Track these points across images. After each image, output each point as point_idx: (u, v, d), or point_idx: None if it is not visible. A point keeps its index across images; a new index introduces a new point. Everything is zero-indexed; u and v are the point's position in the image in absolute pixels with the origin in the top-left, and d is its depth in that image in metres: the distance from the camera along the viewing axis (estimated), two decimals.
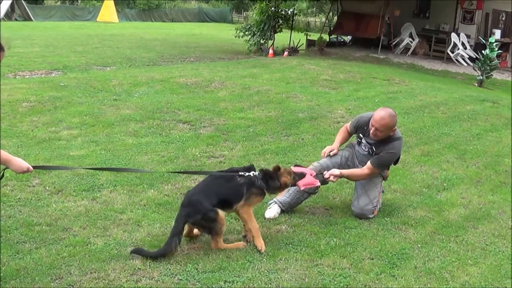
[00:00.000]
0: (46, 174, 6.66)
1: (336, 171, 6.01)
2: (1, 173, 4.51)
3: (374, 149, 6.09)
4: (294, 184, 5.55)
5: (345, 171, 6.11)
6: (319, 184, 5.79)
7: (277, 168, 5.48)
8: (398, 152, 6.17)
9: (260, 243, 5.23)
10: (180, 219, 5.10)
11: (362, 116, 6.37)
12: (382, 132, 5.90)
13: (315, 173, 5.79)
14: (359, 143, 6.33)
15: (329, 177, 5.98)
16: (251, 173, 5.35)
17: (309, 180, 5.58)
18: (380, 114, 5.88)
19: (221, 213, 5.09)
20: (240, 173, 5.35)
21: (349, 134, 6.55)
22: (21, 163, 4.36)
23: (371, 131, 5.98)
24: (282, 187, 5.53)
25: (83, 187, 6.42)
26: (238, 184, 5.29)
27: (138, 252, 4.96)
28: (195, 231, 5.38)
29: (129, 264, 4.74)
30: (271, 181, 5.42)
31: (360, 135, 6.27)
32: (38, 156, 7.37)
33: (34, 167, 4.49)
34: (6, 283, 4.34)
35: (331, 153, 6.29)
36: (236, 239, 5.34)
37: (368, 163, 6.10)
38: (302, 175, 5.54)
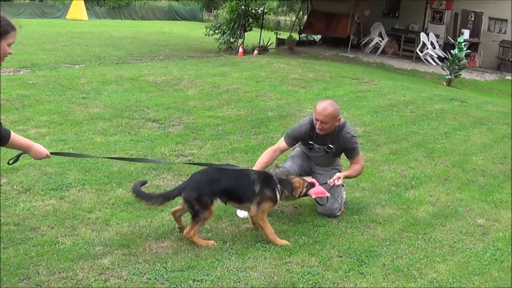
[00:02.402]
0: (14, 173, 6.59)
1: (340, 175, 6.02)
2: (14, 159, 4.52)
3: (332, 146, 6.09)
4: (306, 194, 5.67)
5: (346, 173, 6.15)
6: (329, 194, 5.88)
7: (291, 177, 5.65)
8: (354, 132, 6.19)
9: (281, 242, 5.33)
10: (176, 190, 5.22)
11: (300, 127, 6.18)
12: (328, 123, 5.87)
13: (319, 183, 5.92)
14: (310, 149, 6.27)
15: (334, 184, 5.95)
16: (268, 175, 5.50)
17: (320, 190, 5.75)
18: (321, 106, 5.86)
19: (215, 204, 5.14)
20: (255, 171, 5.50)
21: (281, 152, 6.27)
22: (41, 149, 4.34)
23: (317, 126, 5.92)
24: (294, 196, 5.59)
25: (51, 186, 6.35)
26: (250, 181, 5.33)
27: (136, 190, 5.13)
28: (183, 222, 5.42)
29: (98, 264, 4.72)
30: (285, 187, 5.51)
31: (310, 142, 6.19)
32: (6, 154, 7.21)
33: (52, 153, 4.51)
34: None
35: None
36: (205, 237, 5.33)
37: (352, 160, 6.19)
38: (313, 184, 5.70)
